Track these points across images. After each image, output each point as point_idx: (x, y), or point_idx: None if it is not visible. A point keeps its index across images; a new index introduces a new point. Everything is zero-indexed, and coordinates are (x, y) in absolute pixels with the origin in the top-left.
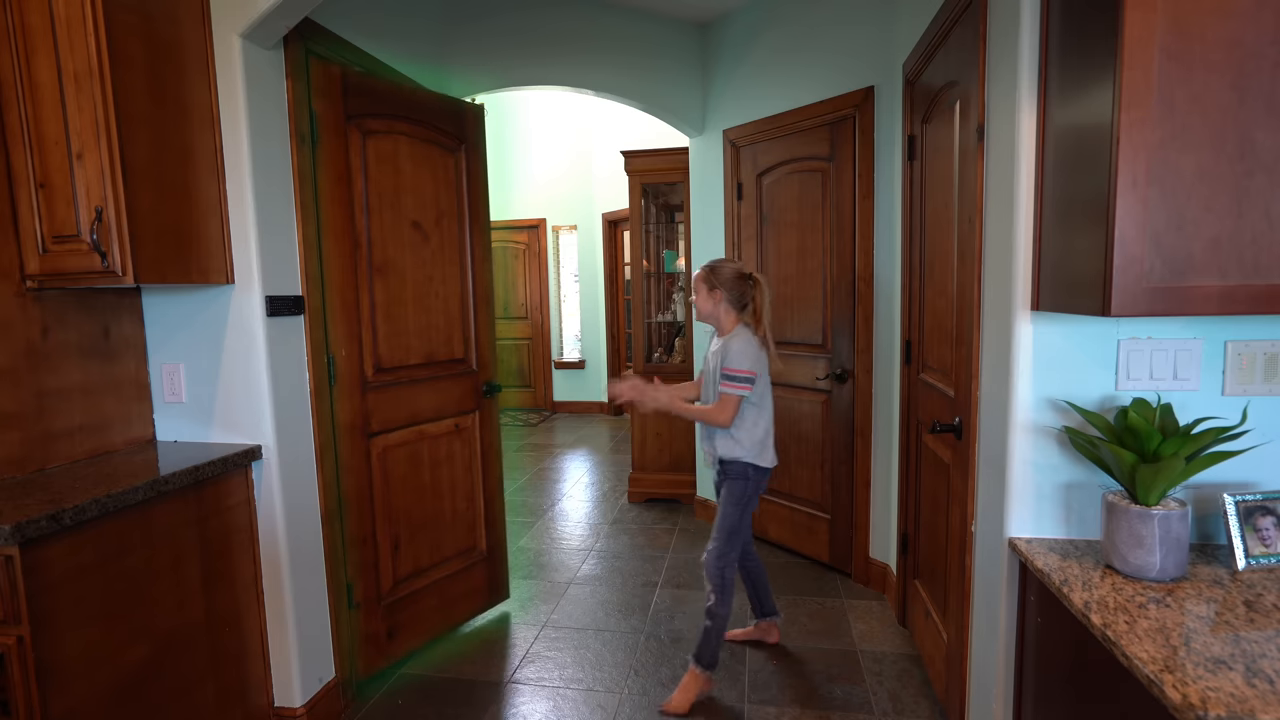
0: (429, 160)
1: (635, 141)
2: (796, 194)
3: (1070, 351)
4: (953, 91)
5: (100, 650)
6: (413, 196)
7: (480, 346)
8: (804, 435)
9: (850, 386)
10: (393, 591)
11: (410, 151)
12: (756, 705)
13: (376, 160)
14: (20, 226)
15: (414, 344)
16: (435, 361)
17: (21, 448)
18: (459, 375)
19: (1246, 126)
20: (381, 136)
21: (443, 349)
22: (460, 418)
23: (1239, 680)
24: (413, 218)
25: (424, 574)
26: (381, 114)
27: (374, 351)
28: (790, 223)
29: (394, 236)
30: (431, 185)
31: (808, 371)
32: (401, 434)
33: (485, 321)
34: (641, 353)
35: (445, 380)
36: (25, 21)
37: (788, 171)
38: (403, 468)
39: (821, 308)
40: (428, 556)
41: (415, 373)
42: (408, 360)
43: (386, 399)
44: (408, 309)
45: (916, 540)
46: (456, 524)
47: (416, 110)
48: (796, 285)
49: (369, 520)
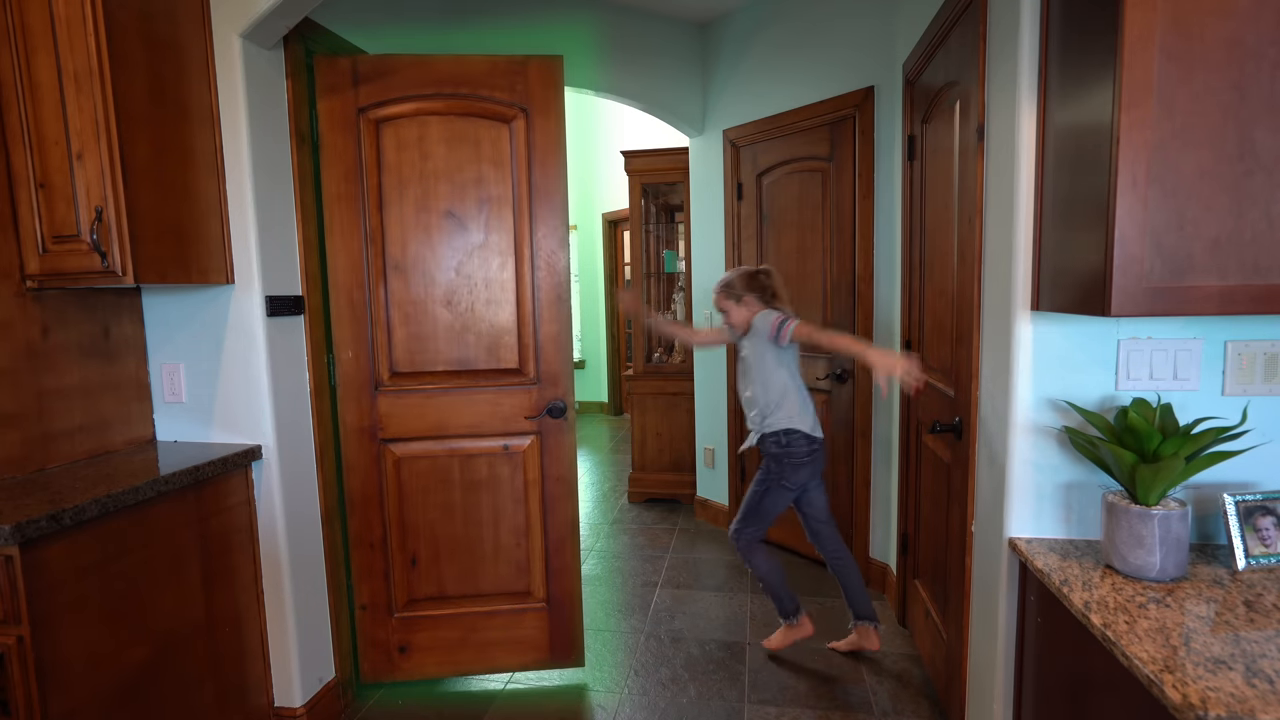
0: (471, 137)
1: (635, 141)
2: (796, 194)
3: (1070, 351)
4: (953, 91)
5: (100, 650)
6: (446, 183)
7: (546, 357)
8: None
9: (850, 386)
10: (408, 607)
11: (444, 132)
12: (756, 705)
13: (396, 149)
14: (20, 226)
15: (442, 349)
16: (473, 370)
17: (21, 448)
18: (510, 389)
19: (1246, 126)
20: (404, 121)
21: (485, 356)
22: (511, 439)
23: (1239, 680)
24: (445, 207)
25: (449, 601)
26: (406, 96)
27: (388, 354)
28: (790, 223)
29: (417, 231)
30: (474, 166)
31: (808, 372)
32: (424, 445)
33: (554, 327)
34: (641, 353)
35: (488, 392)
36: (25, 21)
37: (788, 171)
38: (424, 481)
39: (821, 308)
40: (454, 585)
41: (442, 380)
42: (432, 366)
43: (404, 405)
44: (434, 310)
45: (916, 540)
46: (499, 560)
47: (452, 81)
48: (796, 285)
49: (379, 526)
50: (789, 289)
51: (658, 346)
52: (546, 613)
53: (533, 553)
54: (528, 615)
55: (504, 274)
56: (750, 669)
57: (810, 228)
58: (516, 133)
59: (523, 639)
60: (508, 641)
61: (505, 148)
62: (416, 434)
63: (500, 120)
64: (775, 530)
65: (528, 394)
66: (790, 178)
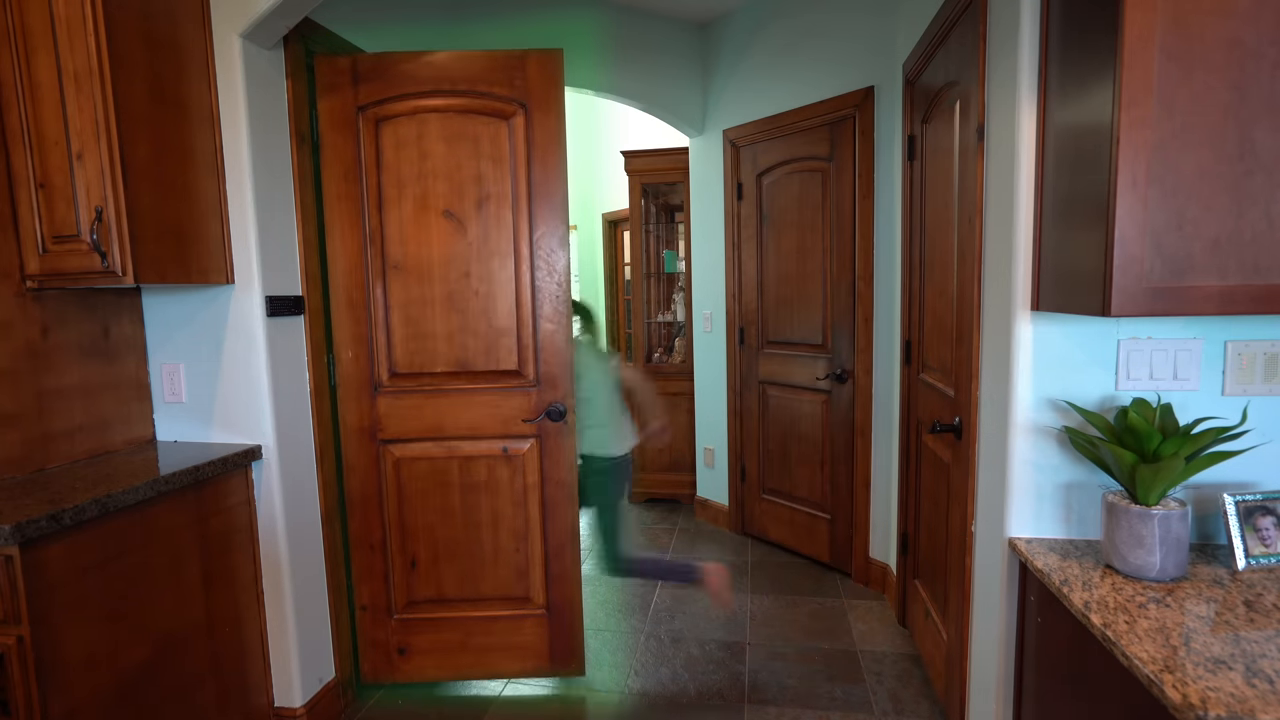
0: (469, 135)
1: (635, 141)
2: (796, 194)
3: (1070, 351)
4: (953, 91)
5: (100, 650)
6: (445, 182)
7: (545, 359)
8: (804, 435)
9: (850, 386)
10: (408, 609)
11: (442, 130)
12: (756, 705)
13: (395, 147)
14: (20, 226)
15: (441, 349)
16: (471, 371)
17: (21, 448)
18: (508, 390)
19: (1246, 126)
20: (402, 120)
21: (483, 358)
22: (510, 441)
23: (1239, 680)
24: (444, 206)
25: (449, 604)
26: (404, 94)
27: (388, 355)
28: (790, 223)
29: (416, 230)
30: (473, 164)
31: (808, 371)
32: (423, 446)
33: (553, 327)
34: (642, 352)
35: (487, 394)
36: (25, 21)
37: (788, 171)
38: (423, 483)
39: (821, 308)
40: (454, 588)
41: (442, 381)
42: (432, 367)
43: (404, 406)
44: (434, 310)
45: (916, 540)
46: (499, 564)
47: (450, 78)
48: (796, 285)
49: (378, 527)
50: (788, 288)
51: (658, 346)
52: (546, 619)
53: (532, 558)
54: (527, 621)
55: (502, 274)
56: (750, 669)
57: (810, 228)
58: (515, 129)
59: (522, 645)
60: (507, 647)
61: (504, 145)
62: (416, 435)
63: (499, 117)
64: (776, 530)
65: (526, 396)
66: (790, 178)
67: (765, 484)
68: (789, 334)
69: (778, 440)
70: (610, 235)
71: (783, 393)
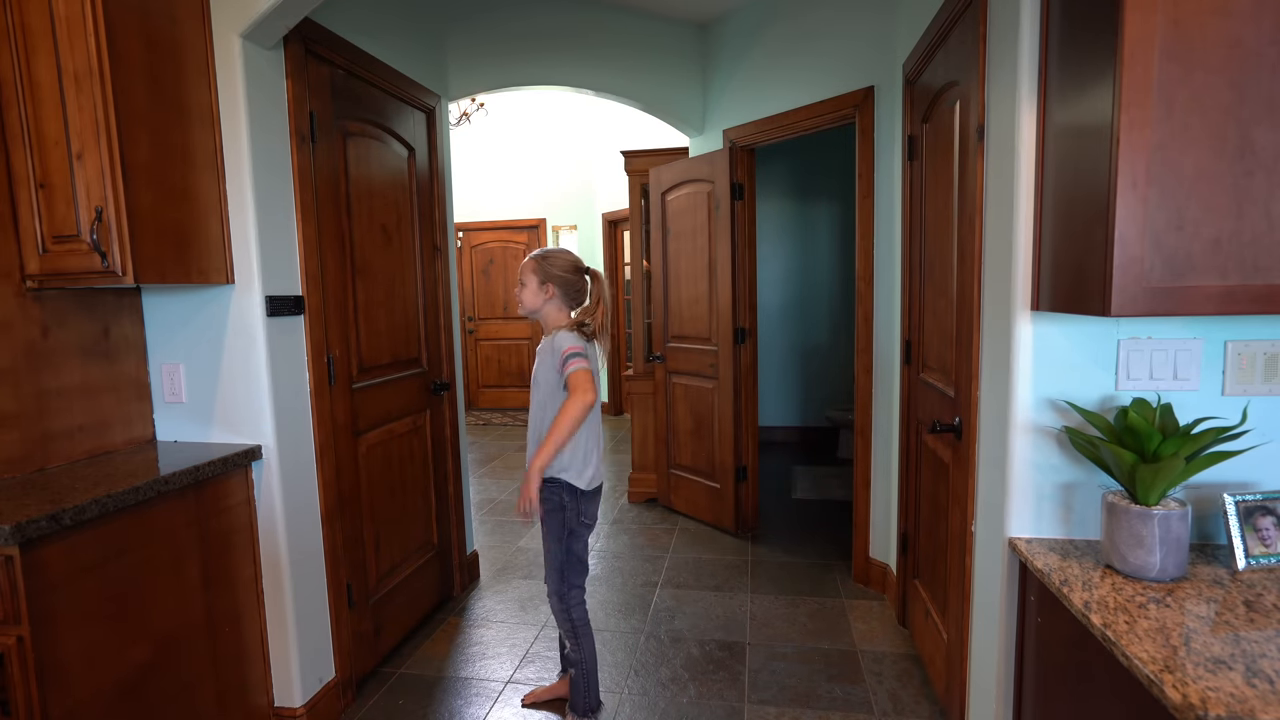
0: (391, 163)
1: (635, 141)
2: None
3: (1070, 351)
4: (953, 91)
5: (100, 650)
6: (380, 199)
7: (430, 346)
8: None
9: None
10: (377, 588)
11: (379, 155)
12: (756, 705)
13: (355, 163)
14: (20, 226)
15: (384, 344)
16: (400, 360)
17: (21, 448)
18: (417, 374)
19: (1246, 126)
20: (358, 139)
21: (404, 349)
22: (417, 416)
23: (1239, 680)
24: (381, 221)
25: (397, 570)
26: (358, 116)
27: (358, 351)
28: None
29: (369, 238)
30: (393, 189)
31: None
32: (378, 433)
33: (436, 322)
34: (641, 352)
35: (408, 380)
36: (25, 21)
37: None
38: (379, 466)
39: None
40: (400, 553)
41: (387, 371)
42: (381, 360)
43: (368, 398)
44: (380, 310)
45: (916, 540)
46: (416, 520)
47: (379, 112)
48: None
49: (358, 519)
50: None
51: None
52: (436, 556)
53: (430, 508)
54: (430, 562)
55: (410, 278)
56: (750, 669)
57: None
58: (412, 163)
59: (428, 585)
60: (424, 590)
61: (406, 175)
62: (375, 422)
63: (408, 151)
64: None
65: (422, 378)
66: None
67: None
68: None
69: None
70: (610, 235)
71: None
